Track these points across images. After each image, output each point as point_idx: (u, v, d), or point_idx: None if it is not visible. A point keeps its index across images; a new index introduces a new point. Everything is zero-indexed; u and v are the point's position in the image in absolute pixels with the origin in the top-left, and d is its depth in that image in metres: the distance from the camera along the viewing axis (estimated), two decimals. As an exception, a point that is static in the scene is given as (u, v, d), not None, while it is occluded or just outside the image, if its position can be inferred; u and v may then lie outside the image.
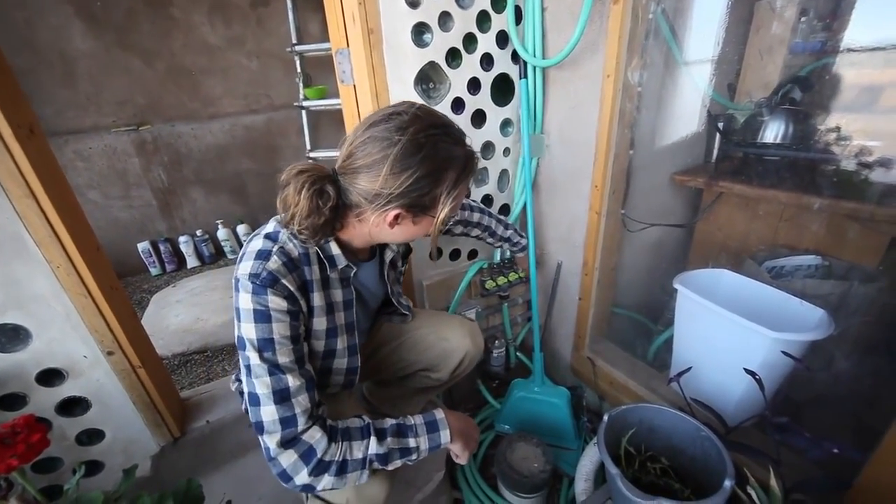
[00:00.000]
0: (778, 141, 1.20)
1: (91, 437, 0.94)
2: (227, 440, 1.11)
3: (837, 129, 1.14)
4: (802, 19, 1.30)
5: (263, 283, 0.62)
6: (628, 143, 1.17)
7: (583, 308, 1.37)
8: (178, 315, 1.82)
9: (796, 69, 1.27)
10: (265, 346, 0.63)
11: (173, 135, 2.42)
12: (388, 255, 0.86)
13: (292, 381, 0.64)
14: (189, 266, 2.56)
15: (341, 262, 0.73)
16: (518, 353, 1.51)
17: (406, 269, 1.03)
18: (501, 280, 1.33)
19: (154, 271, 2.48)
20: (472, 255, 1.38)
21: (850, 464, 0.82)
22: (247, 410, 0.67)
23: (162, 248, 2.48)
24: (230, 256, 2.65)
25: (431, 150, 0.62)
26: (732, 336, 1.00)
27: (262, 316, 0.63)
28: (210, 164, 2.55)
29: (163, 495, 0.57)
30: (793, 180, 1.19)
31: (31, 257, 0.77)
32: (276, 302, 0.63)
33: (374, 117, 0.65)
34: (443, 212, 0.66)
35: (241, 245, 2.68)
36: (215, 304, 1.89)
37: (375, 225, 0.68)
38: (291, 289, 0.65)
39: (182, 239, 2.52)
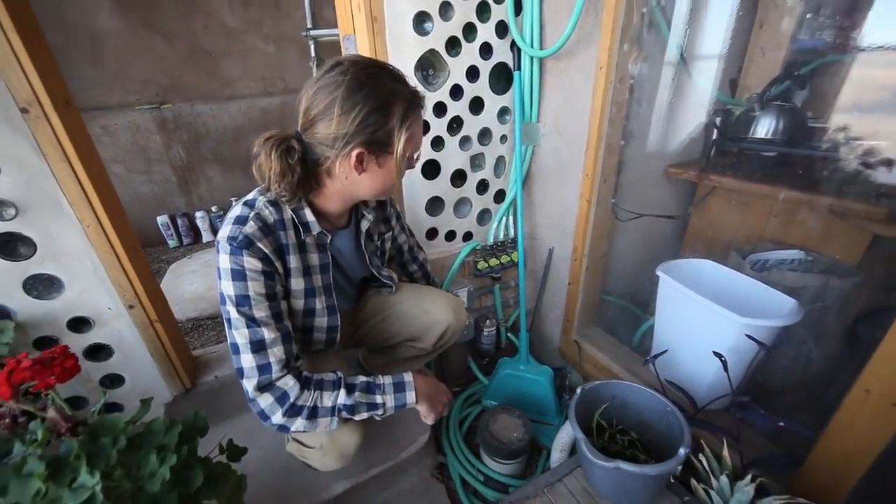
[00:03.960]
0: (769, 136, 1.23)
1: (113, 381, 1.05)
2: (232, 395, 1.22)
3: (829, 126, 1.16)
4: (808, 15, 1.31)
5: (240, 245, 0.69)
6: (620, 134, 1.22)
7: (572, 293, 1.43)
8: (192, 284, 1.95)
9: (797, 66, 1.29)
10: (242, 301, 0.71)
11: (193, 114, 2.53)
12: (365, 225, 0.91)
13: (267, 333, 0.72)
14: (204, 240, 2.68)
15: (315, 228, 0.79)
16: (509, 334, 1.59)
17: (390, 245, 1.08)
18: (494, 262, 1.39)
19: (171, 243, 2.61)
20: (467, 236, 1.45)
21: (806, 443, 0.87)
22: None
23: (179, 222, 2.60)
24: (243, 233, 2.77)
25: (374, 86, 0.67)
26: (706, 321, 1.05)
27: (238, 275, 0.70)
28: (227, 144, 2.66)
29: (173, 422, 0.66)
30: (783, 176, 1.22)
31: (64, 216, 0.87)
32: (251, 262, 0.70)
33: (320, 72, 0.71)
34: (399, 145, 0.71)
35: (253, 223, 2.80)
36: (227, 276, 2.01)
37: (344, 176, 0.74)
38: (266, 251, 0.72)
39: (198, 214, 2.64)
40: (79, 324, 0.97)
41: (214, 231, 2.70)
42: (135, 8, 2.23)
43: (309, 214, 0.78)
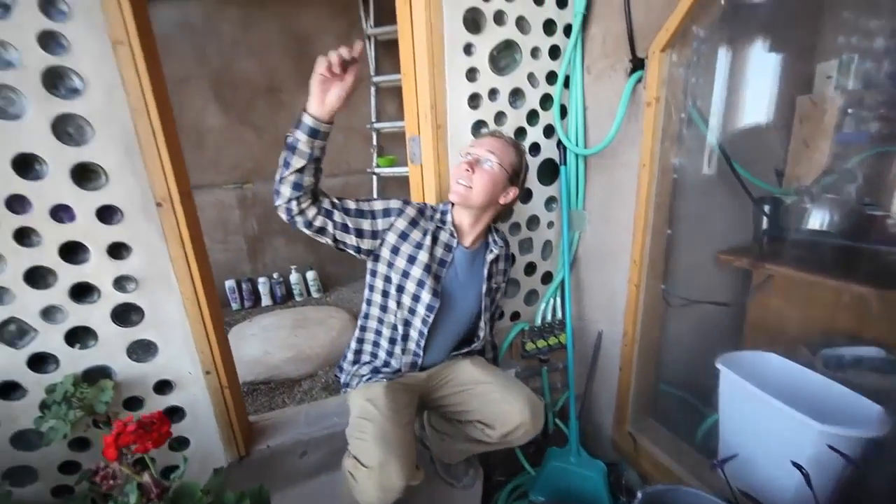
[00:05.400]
0: (825, 228, 1.22)
1: (180, 443, 1.12)
2: (283, 466, 1.24)
3: (891, 214, 1.14)
4: (850, 110, 1.35)
5: (406, 201, 1.03)
6: (666, 222, 1.26)
7: (624, 379, 1.38)
8: (251, 347, 2.07)
9: (844, 158, 1.30)
10: (364, 199, 1.01)
11: (268, 192, 2.87)
12: (490, 256, 1.07)
13: (331, 201, 0.98)
14: (263, 304, 2.88)
15: (448, 224, 1.03)
16: (557, 420, 1.52)
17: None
18: (542, 343, 1.40)
19: (234, 306, 2.83)
20: (515, 316, 1.48)
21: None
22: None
23: (244, 286, 2.84)
24: (297, 299, 2.96)
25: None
26: (779, 425, 0.97)
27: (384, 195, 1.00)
28: (293, 218, 2.96)
29: (242, 494, 0.70)
30: (845, 268, 1.18)
31: (171, 289, 1.02)
32: (400, 203, 1.01)
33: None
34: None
35: (308, 290, 3.00)
36: (282, 341, 2.13)
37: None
38: (412, 212, 1.00)
39: (261, 280, 2.87)
40: (163, 386, 1.08)
41: (273, 296, 2.91)
42: (235, 108, 2.69)
43: (450, 216, 1.03)
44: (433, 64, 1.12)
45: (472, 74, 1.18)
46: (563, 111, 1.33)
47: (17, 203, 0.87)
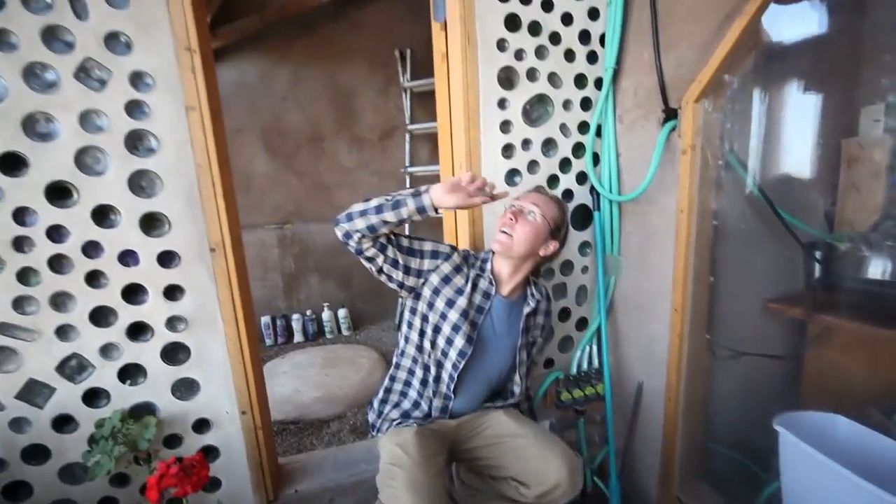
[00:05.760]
0: (888, 278, 1.13)
1: (213, 484, 1.12)
2: (308, 513, 1.22)
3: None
4: (901, 153, 1.29)
5: (454, 247, 1.06)
6: (708, 269, 1.22)
7: (669, 436, 1.29)
8: (282, 385, 2.10)
9: (900, 204, 1.23)
10: (417, 238, 1.03)
11: (306, 232, 3.02)
12: (527, 309, 1.06)
13: (388, 235, 0.98)
14: (295, 340, 2.94)
15: (487, 273, 1.04)
16: (595, 478, 1.42)
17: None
18: (578, 393, 1.34)
19: (268, 342, 2.90)
20: (549, 363, 1.43)
21: None
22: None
23: (278, 322, 2.92)
24: (328, 336, 3.00)
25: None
26: (851, 498, 0.87)
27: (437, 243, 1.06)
28: (328, 257, 3.07)
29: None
30: (916, 322, 1.08)
31: (217, 330, 1.07)
32: (448, 248, 1.05)
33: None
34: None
35: (339, 328, 3.05)
36: (312, 380, 2.14)
37: None
38: (458, 258, 1.04)
39: (294, 317, 2.95)
40: (201, 425, 1.10)
41: (305, 333, 2.96)
42: (281, 155, 2.90)
43: (490, 264, 1.05)
44: (468, 118, 1.18)
45: (505, 126, 1.23)
46: (596, 159, 1.34)
47: (91, 248, 0.96)
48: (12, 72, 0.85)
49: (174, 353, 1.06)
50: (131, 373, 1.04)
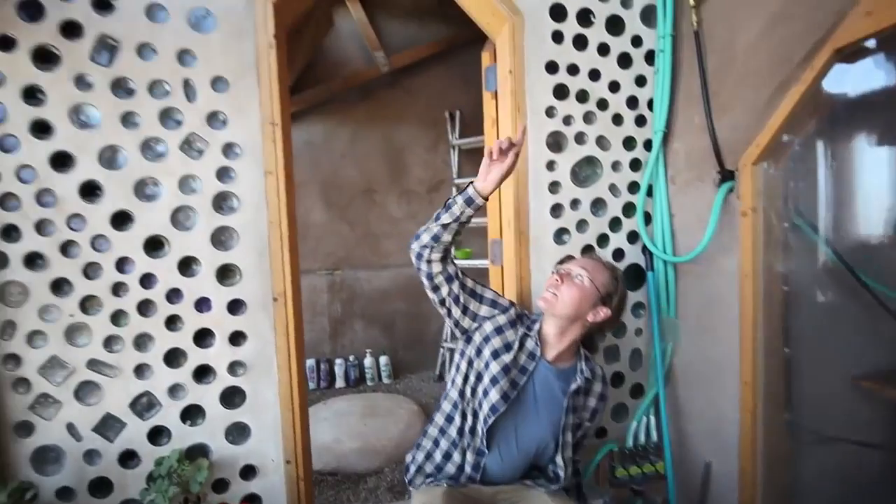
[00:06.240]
0: None
1: (252, 535, 1.12)
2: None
3: None
4: None
5: (512, 303, 1.08)
6: (781, 339, 1.11)
7: (745, 531, 1.13)
8: (322, 433, 2.09)
9: None
10: (481, 284, 1.08)
11: (354, 278, 3.14)
12: (574, 385, 1.00)
13: (456, 270, 1.04)
14: (337, 386, 2.97)
15: (534, 334, 1.02)
16: (657, 574, 1.25)
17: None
18: (635, 470, 1.22)
19: (311, 385, 2.95)
20: (601, 433, 1.33)
21: None
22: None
23: (322, 367, 2.98)
24: (369, 383, 3.00)
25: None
26: None
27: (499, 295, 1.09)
28: (373, 303, 3.15)
29: None
30: None
31: (271, 376, 1.12)
32: (508, 302, 1.07)
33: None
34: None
35: (379, 375, 3.05)
36: (352, 429, 2.13)
37: None
38: (514, 314, 1.05)
39: (338, 361, 3.00)
40: (248, 472, 1.13)
41: (347, 379, 2.99)
42: (336, 206, 3.12)
43: (538, 325, 1.04)
44: (517, 179, 1.23)
45: (553, 187, 1.27)
46: (648, 218, 1.32)
47: (173, 295, 1.07)
48: (133, 145, 1.02)
49: (231, 397, 1.12)
50: (192, 413, 1.10)
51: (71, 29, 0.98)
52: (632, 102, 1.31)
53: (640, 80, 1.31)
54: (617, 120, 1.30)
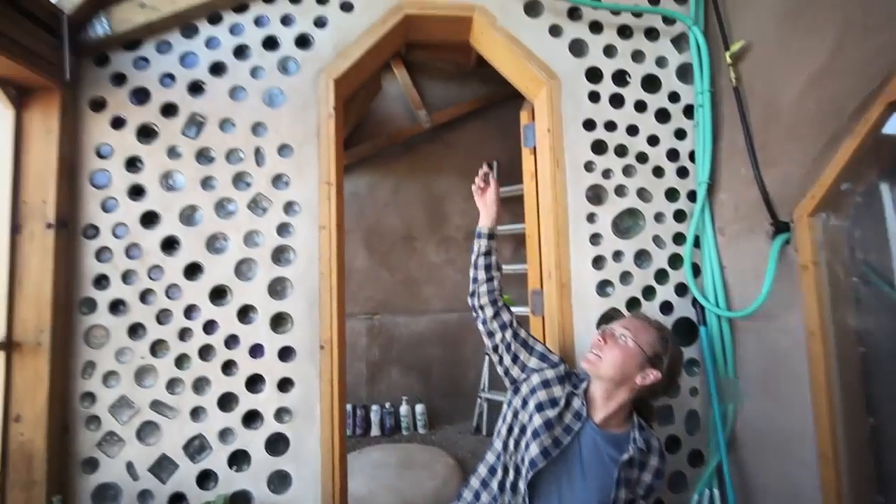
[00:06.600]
0: None
1: None
2: None
3: None
4: None
5: (562, 360, 1.07)
6: (863, 407, 1.00)
7: None
8: (356, 485, 2.05)
9: None
10: (533, 337, 1.10)
11: (393, 323, 3.18)
12: (626, 455, 0.92)
13: (511, 319, 1.09)
14: (372, 434, 2.92)
15: (581, 394, 0.98)
16: None
17: None
18: (698, 551, 1.09)
19: (346, 432, 2.92)
20: (657, 504, 1.21)
21: None
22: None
23: (358, 413, 2.96)
24: (404, 433, 2.93)
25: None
26: None
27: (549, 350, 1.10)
28: (410, 349, 3.15)
29: None
30: None
31: (314, 424, 1.14)
32: (558, 358, 1.07)
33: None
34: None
35: (415, 424, 2.99)
36: (388, 483, 2.07)
37: None
38: (563, 371, 1.04)
39: (374, 408, 2.98)
40: (287, 523, 1.12)
41: (382, 427, 2.94)
42: (377, 253, 3.24)
43: (585, 384, 1.00)
44: (558, 232, 1.24)
45: (595, 239, 1.26)
46: (696, 270, 1.28)
47: (231, 341, 1.14)
48: (209, 204, 1.16)
49: (276, 444, 1.14)
50: (239, 459, 1.13)
51: (169, 109, 1.16)
52: (672, 155, 1.31)
53: (680, 134, 1.32)
54: (658, 172, 1.30)
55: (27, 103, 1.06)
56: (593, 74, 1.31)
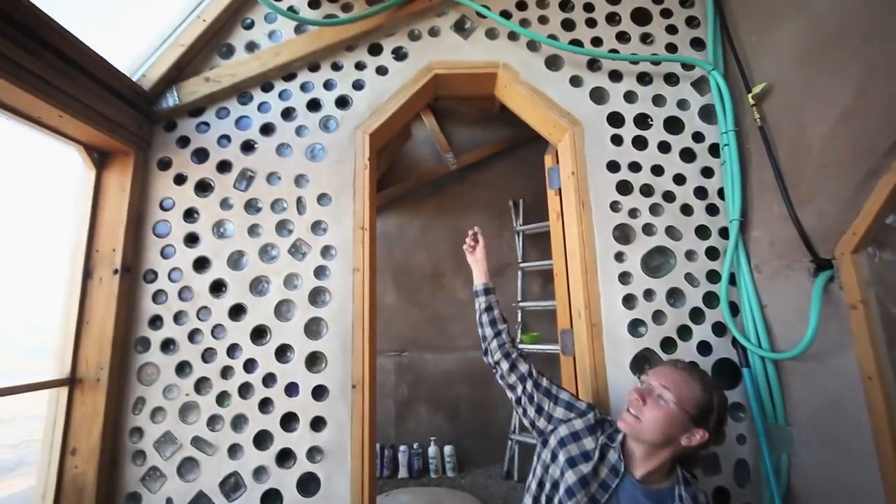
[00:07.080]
0: None
1: None
2: None
3: None
4: None
5: (591, 406, 1.02)
6: (939, 464, 0.91)
7: None
8: (385, 531, 1.98)
9: None
10: (557, 385, 1.07)
11: (420, 361, 3.17)
12: None
13: (530, 370, 1.07)
14: (399, 476, 2.84)
15: (616, 447, 0.92)
16: None
17: None
18: None
19: (374, 475, 2.85)
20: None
21: None
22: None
23: (386, 453, 2.90)
24: (433, 475, 2.83)
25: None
26: None
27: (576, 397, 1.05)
28: (438, 387, 3.11)
29: None
30: None
31: (344, 465, 1.14)
32: (586, 405, 1.02)
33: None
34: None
35: (444, 467, 2.88)
36: (415, 530, 1.98)
37: None
38: (593, 419, 0.98)
39: (401, 448, 2.91)
40: (316, 570, 1.10)
41: (410, 469, 2.86)
42: (406, 290, 3.29)
43: (622, 436, 0.93)
44: (586, 271, 1.25)
45: (624, 278, 1.26)
46: (735, 309, 1.24)
47: (269, 379, 1.19)
48: (254, 250, 1.25)
49: (307, 484, 1.15)
50: (272, 498, 1.14)
51: (223, 166, 1.29)
52: (700, 193, 1.31)
53: (707, 172, 1.33)
54: (686, 210, 1.30)
55: (106, 164, 1.21)
56: (615, 119, 1.36)
